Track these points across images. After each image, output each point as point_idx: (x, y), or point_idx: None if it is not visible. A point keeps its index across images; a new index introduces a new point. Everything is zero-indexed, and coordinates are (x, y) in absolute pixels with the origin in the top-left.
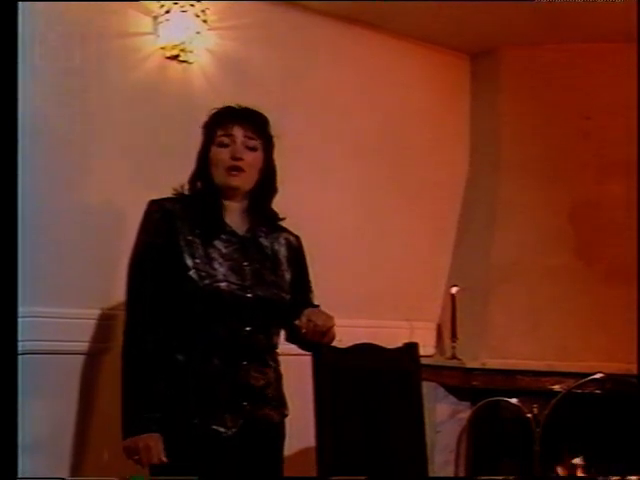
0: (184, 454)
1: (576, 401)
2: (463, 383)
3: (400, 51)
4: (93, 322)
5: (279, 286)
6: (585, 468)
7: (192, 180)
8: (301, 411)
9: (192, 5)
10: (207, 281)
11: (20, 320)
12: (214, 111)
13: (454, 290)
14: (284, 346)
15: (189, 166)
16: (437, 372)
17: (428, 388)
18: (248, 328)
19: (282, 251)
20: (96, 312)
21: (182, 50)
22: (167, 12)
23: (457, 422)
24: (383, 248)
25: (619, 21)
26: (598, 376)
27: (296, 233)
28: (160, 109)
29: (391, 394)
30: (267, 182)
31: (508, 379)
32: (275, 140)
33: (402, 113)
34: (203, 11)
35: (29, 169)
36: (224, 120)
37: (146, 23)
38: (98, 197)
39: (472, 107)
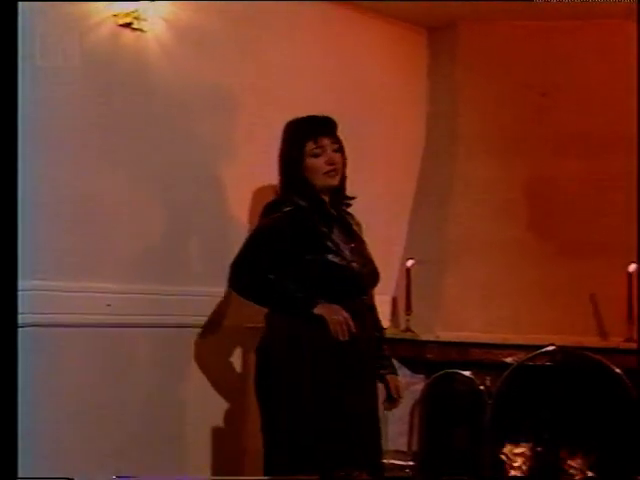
0: None
1: (528, 373)
2: (417, 356)
3: (357, 24)
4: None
5: (372, 260)
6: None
7: (293, 189)
8: None
9: None
10: (344, 262)
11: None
12: (295, 123)
13: (409, 263)
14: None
15: (143, 134)
16: (391, 345)
17: None
18: (364, 297)
19: (357, 228)
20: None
21: (135, 18)
22: None
23: (411, 394)
24: None
25: None
26: (550, 348)
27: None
28: (113, 77)
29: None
30: (345, 173)
31: (462, 351)
32: None
33: (358, 86)
34: None
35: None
36: (312, 133)
37: None
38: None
39: (429, 81)
